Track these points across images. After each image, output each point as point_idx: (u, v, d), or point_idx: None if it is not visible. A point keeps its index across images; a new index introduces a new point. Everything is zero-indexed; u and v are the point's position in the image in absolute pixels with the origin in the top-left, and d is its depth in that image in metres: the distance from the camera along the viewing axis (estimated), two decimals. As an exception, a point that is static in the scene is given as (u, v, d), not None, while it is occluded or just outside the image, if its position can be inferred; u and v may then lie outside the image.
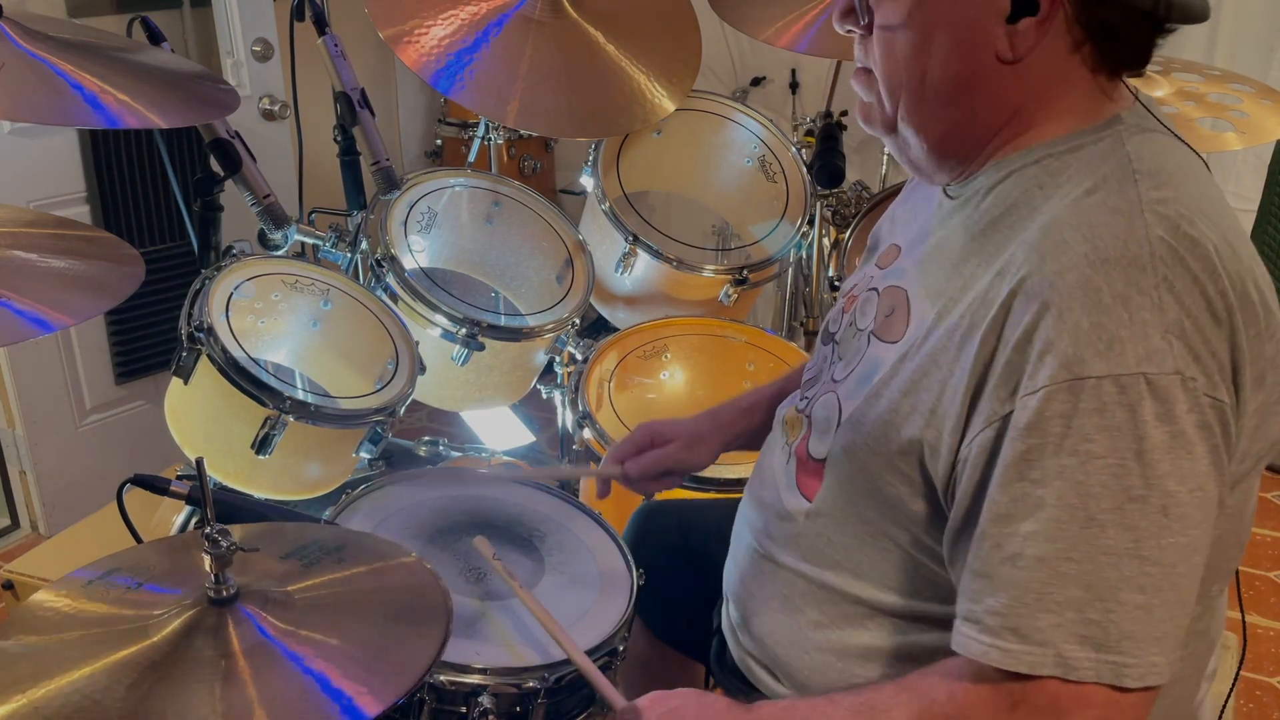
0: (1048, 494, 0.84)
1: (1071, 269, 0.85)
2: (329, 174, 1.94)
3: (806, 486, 1.07)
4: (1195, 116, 1.80)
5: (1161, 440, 0.82)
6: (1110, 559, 0.82)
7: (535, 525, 1.42)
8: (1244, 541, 0.99)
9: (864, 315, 1.07)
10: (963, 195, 1.01)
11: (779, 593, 1.09)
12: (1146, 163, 0.91)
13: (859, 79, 1.01)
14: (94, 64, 1.26)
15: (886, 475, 0.97)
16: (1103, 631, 0.83)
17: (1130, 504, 0.82)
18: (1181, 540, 0.83)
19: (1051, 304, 0.84)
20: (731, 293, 2.07)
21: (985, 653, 0.86)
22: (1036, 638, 0.84)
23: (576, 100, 1.98)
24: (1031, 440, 0.84)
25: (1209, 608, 1.00)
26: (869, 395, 1.00)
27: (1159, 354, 0.82)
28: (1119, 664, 0.82)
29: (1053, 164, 0.94)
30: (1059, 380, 0.83)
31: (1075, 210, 0.89)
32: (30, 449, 2.52)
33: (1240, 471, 0.90)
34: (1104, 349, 0.82)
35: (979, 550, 0.88)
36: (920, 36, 0.93)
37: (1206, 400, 0.83)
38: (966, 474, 0.90)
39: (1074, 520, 0.83)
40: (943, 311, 0.95)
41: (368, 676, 0.90)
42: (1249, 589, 2.55)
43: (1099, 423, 0.82)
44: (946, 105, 0.96)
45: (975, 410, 0.89)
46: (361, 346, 1.74)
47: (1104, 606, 0.82)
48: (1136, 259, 0.84)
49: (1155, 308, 0.83)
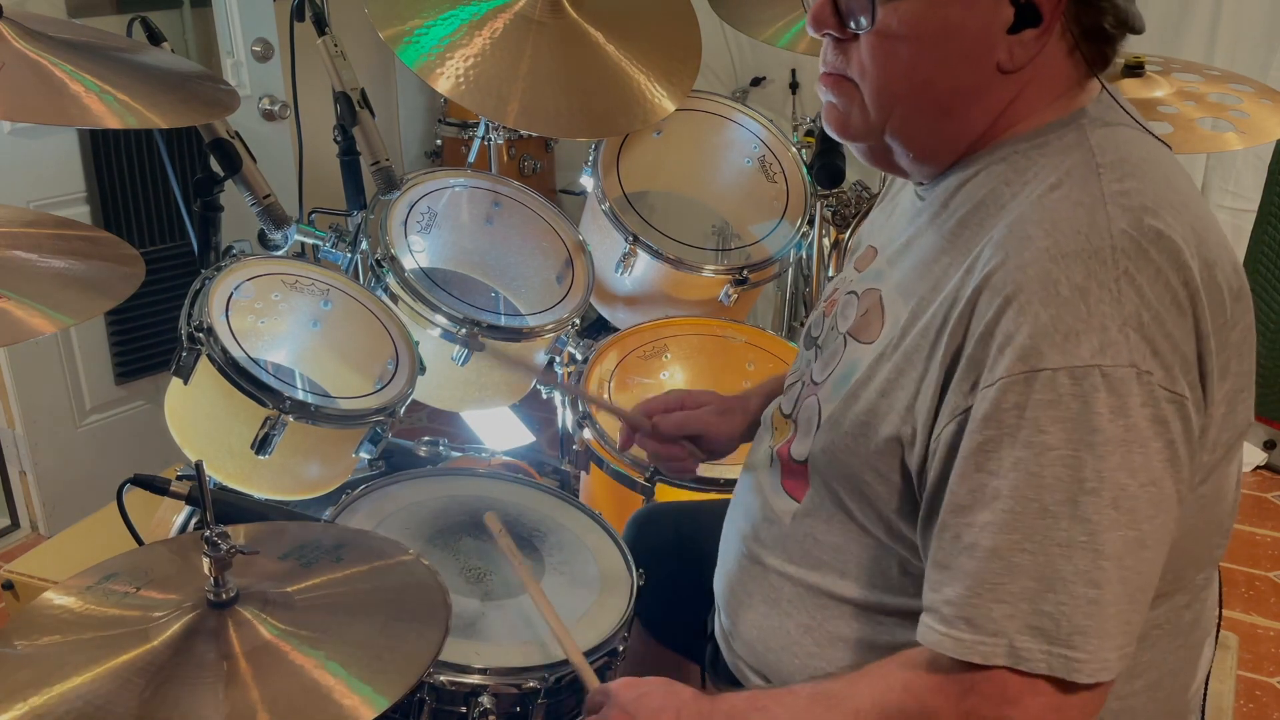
0: (1003, 485, 0.84)
1: (1033, 263, 0.85)
2: (329, 174, 1.94)
3: (793, 488, 1.08)
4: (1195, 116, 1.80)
5: (1114, 433, 0.82)
6: (1063, 550, 0.83)
7: (536, 525, 1.42)
8: (1227, 528, 0.99)
9: (843, 318, 1.08)
10: (932, 194, 1.01)
11: (768, 597, 1.10)
12: (1110, 155, 0.91)
13: (835, 86, 0.99)
14: (94, 64, 1.25)
15: (866, 474, 0.98)
16: (1054, 624, 0.83)
17: (1083, 496, 0.82)
18: (1131, 534, 0.83)
19: (1013, 298, 0.85)
20: (731, 293, 2.07)
21: (940, 642, 0.87)
22: (989, 628, 0.85)
23: (576, 100, 1.98)
24: (988, 431, 0.85)
25: (1196, 597, 1.00)
26: (847, 396, 1.00)
27: (1114, 346, 0.82)
28: (1069, 658, 0.83)
29: (1019, 160, 0.94)
30: (1015, 372, 0.84)
31: (1039, 205, 0.89)
32: (30, 449, 2.52)
33: (1212, 461, 0.91)
34: (1060, 341, 0.83)
35: (939, 541, 0.89)
36: (925, 47, 0.92)
37: (1163, 394, 0.83)
38: (933, 467, 0.91)
39: (1028, 511, 0.84)
40: (916, 310, 0.96)
41: (369, 676, 0.90)
42: (1249, 589, 2.54)
43: (1053, 414, 0.83)
44: (942, 116, 0.96)
45: (943, 404, 0.90)
46: (361, 346, 1.74)
47: (1056, 599, 0.83)
48: (1097, 251, 0.84)
49: (1114, 300, 0.83)
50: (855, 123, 0.99)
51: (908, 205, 1.07)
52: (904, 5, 0.91)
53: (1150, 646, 0.97)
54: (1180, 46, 2.71)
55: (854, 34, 0.95)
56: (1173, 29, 2.73)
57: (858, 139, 1.01)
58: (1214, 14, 2.73)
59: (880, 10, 0.92)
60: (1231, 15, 2.72)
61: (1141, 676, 0.98)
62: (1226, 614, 1.03)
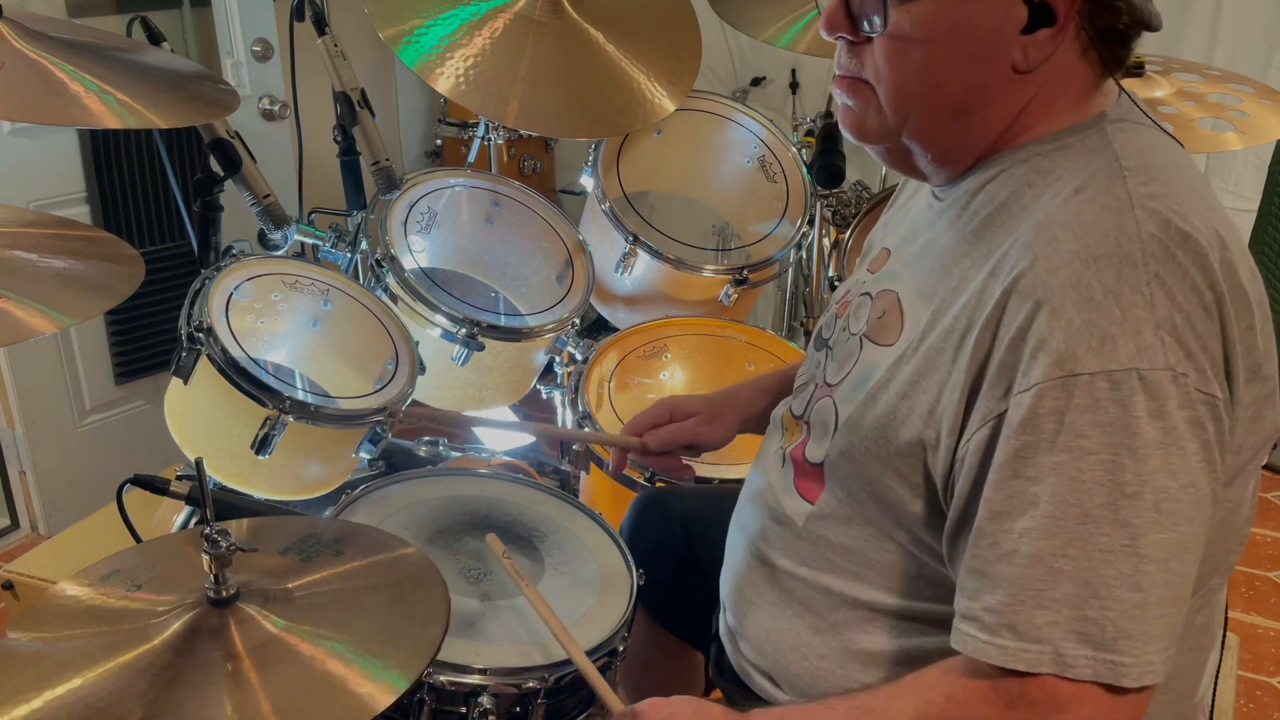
0: (1042, 491, 0.84)
1: (1064, 266, 0.85)
2: (329, 174, 1.94)
3: (806, 490, 1.07)
4: (1195, 116, 1.80)
5: (1154, 436, 0.82)
6: (1105, 556, 0.82)
7: (535, 525, 1.42)
8: (1244, 535, 0.99)
9: (856, 320, 1.07)
10: (950, 195, 1.01)
11: (776, 598, 1.09)
12: (1134, 159, 0.91)
13: (850, 89, 0.99)
14: (94, 64, 1.25)
15: (885, 477, 0.97)
16: (1100, 630, 0.83)
17: (1124, 500, 0.82)
18: (1173, 536, 0.83)
19: (1045, 302, 0.85)
20: (731, 293, 2.07)
21: (982, 649, 0.86)
22: (1033, 635, 0.84)
23: (576, 100, 1.98)
24: (1025, 437, 0.85)
25: (1209, 601, 1.00)
26: (866, 398, 1.00)
27: (1151, 350, 0.82)
28: (1116, 663, 0.83)
29: (1041, 163, 0.94)
30: (1052, 377, 0.83)
31: (1066, 209, 0.89)
32: (30, 449, 2.52)
33: (1237, 464, 0.91)
34: (1096, 345, 0.82)
35: (976, 548, 0.88)
36: (938, 48, 0.92)
37: (1198, 396, 0.83)
38: (964, 473, 0.90)
39: (1068, 517, 0.83)
40: (937, 313, 0.95)
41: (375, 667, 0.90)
42: (1249, 589, 2.54)
43: (1092, 419, 0.82)
44: (958, 116, 0.96)
45: (972, 409, 0.89)
46: (361, 346, 1.74)
47: (1100, 604, 0.83)
48: (1128, 255, 0.84)
49: (1147, 304, 0.83)
50: (872, 125, 0.99)
51: (924, 207, 1.06)
52: (916, 7, 0.91)
53: None
54: (1180, 46, 2.71)
55: (867, 37, 0.95)
56: (1173, 29, 2.73)
57: (875, 141, 1.01)
58: (1214, 14, 2.73)
59: (893, 12, 0.91)
60: (1231, 15, 2.72)
61: None
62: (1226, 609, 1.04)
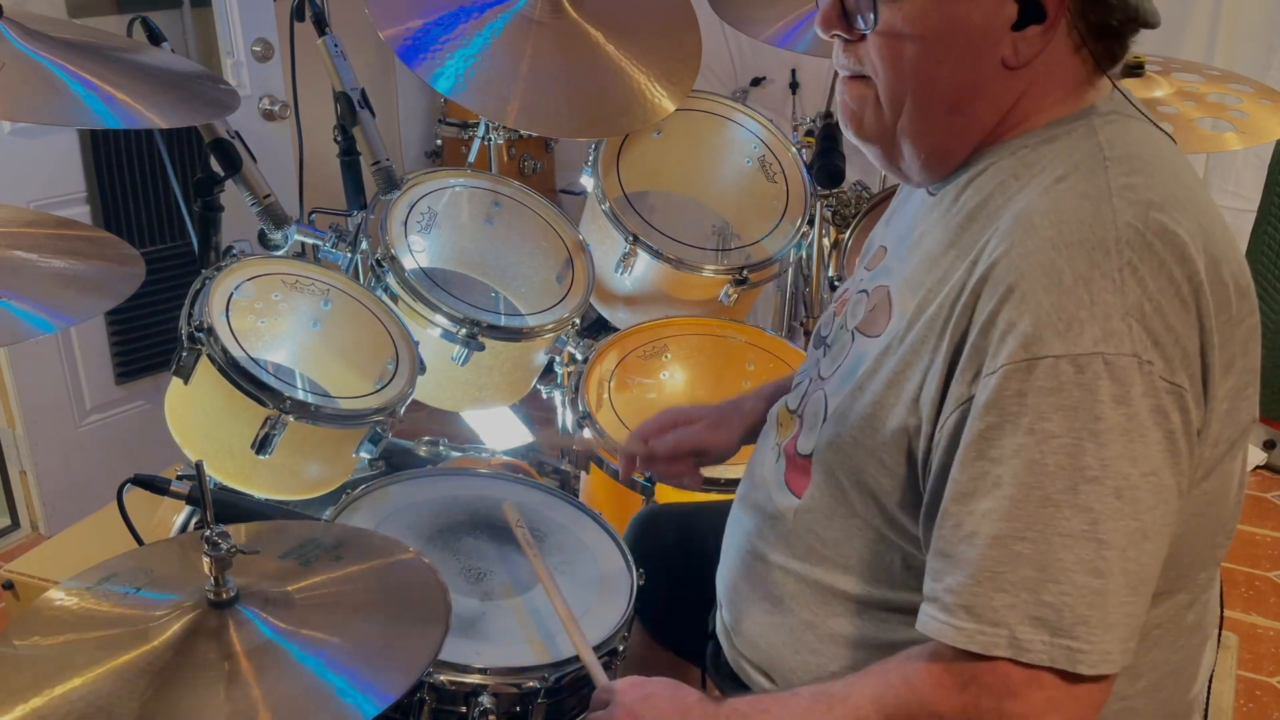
0: (1005, 472, 0.84)
1: (1036, 252, 0.86)
2: (329, 174, 1.94)
3: (795, 483, 1.08)
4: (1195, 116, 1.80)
5: (1116, 422, 0.82)
6: (1065, 540, 0.83)
7: (536, 526, 1.42)
8: (1230, 528, 0.99)
9: (853, 315, 1.08)
10: (943, 190, 1.02)
11: (770, 593, 1.10)
12: (1118, 150, 0.91)
13: (852, 86, 1.00)
14: (94, 64, 1.25)
15: (871, 467, 0.98)
16: (1057, 614, 0.83)
17: (1085, 484, 0.82)
18: (1134, 524, 0.83)
19: (1016, 286, 0.85)
20: (731, 293, 2.07)
21: (940, 630, 0.87)
22: (990, 617, 0.84)
23: (576, 100, 1.98)
24: (990, 419, 0.85)
25: (1198, 597, 1.00)
26: (853, 389, 1.00)
27: (1117, 335, 0.82)
28: (1072, 649, 0.83)
29: (1028, 155, 0.95)
30: (1017, 359, 0.84)
31: (1046, 197, 0.90)
32: (30, 449, 2.52)
33: (1215, 457, 0.91)
34: (1063, 329, 0.83)
35: (941, 529, 0.89)
36: (929, 45, 0.92)
37: (1163, 385, 0.83)
38: (937, 457, 0.91)
39: (1029, 499, 0.83)
40: (922, 303, 0.96)
41: (372, 674, 0.90)
42: (1249, 589, 2.54)
43: (1055, 402, 0.83)
44: (949, 113, 0.96)
45: (947, 395, 0.90)
46: (361, 346, 1.74)
47: (1059, 589, 0.83)
48: (1101, 242, 0.85)
49: (1117, 290, 0.83)
50: (869, 122, 1.00)
51: (918, 204, 1.07)
52: (907, 4, 0.91)
53: (1152, 647, 0.96)
54: (1180, 46, 2.71)
55: (861, 34, 0.96)
56: (1173, 29, 2.73)
57: (871, 139, 1.01)
58: (1214, 14, 2.73)
59: (884, 10, 0.92)
60: (1231, 15, 2.72)
61: (1143, 677, 0.98)
62: (1226, 614, 1.04)
